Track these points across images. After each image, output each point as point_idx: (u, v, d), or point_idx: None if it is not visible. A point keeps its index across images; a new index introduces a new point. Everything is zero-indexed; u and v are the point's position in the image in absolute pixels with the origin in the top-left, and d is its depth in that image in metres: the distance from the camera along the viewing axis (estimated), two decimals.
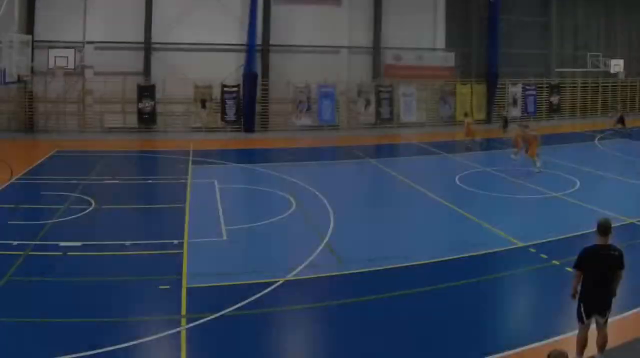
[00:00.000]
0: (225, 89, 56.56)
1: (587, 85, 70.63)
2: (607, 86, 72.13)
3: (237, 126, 57.06)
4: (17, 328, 16.41)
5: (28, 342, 15.61)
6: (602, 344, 14.55)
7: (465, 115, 51.78)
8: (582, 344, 14.54)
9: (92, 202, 29.42)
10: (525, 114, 64.97)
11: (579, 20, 71.42)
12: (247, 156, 38.30)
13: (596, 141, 52.05)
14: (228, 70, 57.08)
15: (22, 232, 24.89)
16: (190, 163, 38.06)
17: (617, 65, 68.14)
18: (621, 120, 55.26)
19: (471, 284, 20.17)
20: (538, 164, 37.08)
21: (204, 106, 56.28)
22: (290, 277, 20.44)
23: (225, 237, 24.84)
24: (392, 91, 60.89)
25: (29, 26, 52.46)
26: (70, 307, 17.82)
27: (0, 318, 16.76)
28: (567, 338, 15.53)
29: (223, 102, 56.73)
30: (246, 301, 18.21)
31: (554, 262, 21.78)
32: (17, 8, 42.56)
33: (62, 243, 23.21)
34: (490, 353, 15.23)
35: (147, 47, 55.73)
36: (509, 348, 15.46)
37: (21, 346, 15.39)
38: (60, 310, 17.63)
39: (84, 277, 20.45)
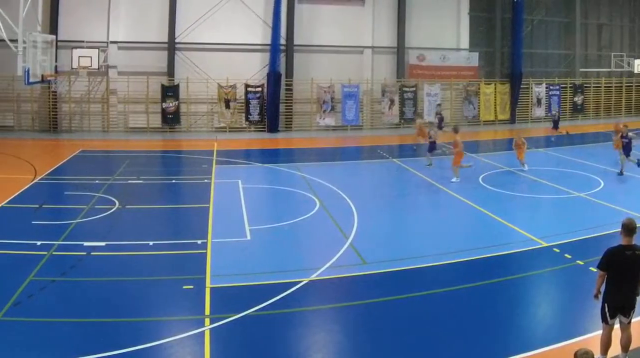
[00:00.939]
0: (249, 88, 56.63)
1: (610, 85, 70.38)
2: (631, 86, 71.86)
3: (261, 126, 57.17)
4: (41, 328, 16.43)
5: (52, 342, 15.63)
6: (626, 344, 14.48)
7: (418, 116, 50.00)
8: (606, 344, 14.48)
9: (116, 202, 29.49)
10: (549, 114, 64.73)
11: (603, 20, 71.18)
12: (271, 156, 38.38)
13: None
14: (252, 70, 57.25)
15: (46, 232, 24.96)
16: (214, 163, 38.06)
17: None
18: (555, 125, 53.17)
19: (495, 284, 20.14)
20: (525, 168, 37.34)
21: (227, 106, 56.29)
22: (314, 277, 20.44)
23: (249, 237, 24.84)
24: (416, 91, 60.76)
25: (52, 26, 52.53)
26: (94, 307, 17.87)
27: (24, 318, 16.82)
28: (592, 338, 15.48)
29: (247, 102, 56.81)
30: (270, 301, 18.20)
31: (578, 262, 21.70)
32: (41, 8, 42.64)
33: (86, 243, 23.30)
34: (516, 353, 15.22)
35: (171, 47, 55.75)
36: (534, 348, 15.43)
37: (45, 346, 15.42)
38: (83, 310, 17.67)
39: (107, 277, 20.52)
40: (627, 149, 36.42)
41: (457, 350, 15.69)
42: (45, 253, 22.17)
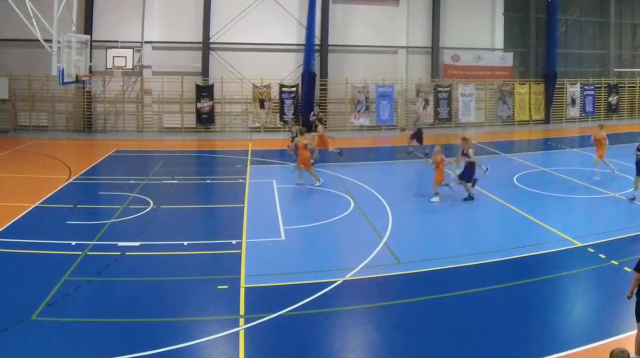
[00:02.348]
0: (284, 89, 56.73)
1: None
2: None
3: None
4: (75, 328, 16.51)
5: (86, 342, 15.69)
6: None
7: (319, 121, 45.30)
8: None
9: (151, 202, 29.61)
10: (584, 114, 64.38)
11: (637, 19, 70.68)
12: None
13: None
14: (286, 70, 57.32)
15: (80, 232, 25.11)
16: (248, 163, 38.07)
17: None
18: (417, 136, 46.34)
19: (530, 284, 20.03)
20: (613, 170, 36.41)
21: (262, 106, 56.40)
22: (348, 277, 20.44)
23: (283, 237, 24.89)
24: (451, 91, 60.68)
25: (87, 26, 52.78)
26: (128, 307, 17.95)
27: (58, 319, 16.89)
28: (627, 338, 15.46)
29: (281, 102, 56.90)
30: (304, 301, 18.24)
31: (612, 262, 21.62)
32: (76, 8, 42.84)
33: (121, 243, 23.44)
34: (551, 353, 15.22)
35: (206, 47, 55.85)
36: (569, 348, 15.44)
37: (79, 346, 15.48)
38: (118, 310, 17.76)
39: (142, 277, 20.59)
40: None
41: (491, 350, 15.68)
42: (80, 253, 22.29)
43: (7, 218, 26.61)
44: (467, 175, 31.08)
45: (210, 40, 55.92)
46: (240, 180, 34.90)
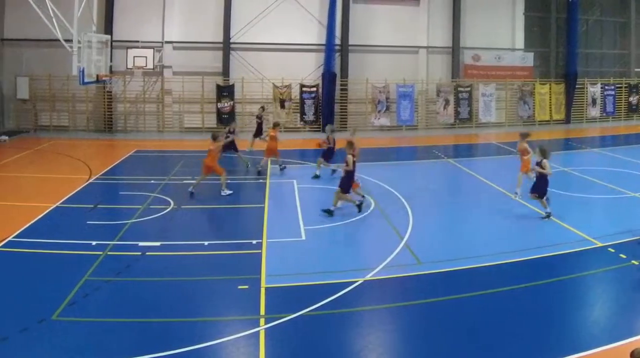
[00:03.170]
0: (304, 88, 56.80)
1: None
2: None
3: (316, 126, 57.18)
4: (96, 328, 16.54)
5: (107, 342, 15.71)
6: None
7: (275, 126, 39.66)
8: None
9: (171, 202, 29.66)
10: (604, 114, 64.21)
11: None
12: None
13: None
14: (307, 70, 57.44)
15: (101, 232, 25.14)
16: (269, 163, 38.00)
17: None
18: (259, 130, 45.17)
19: (550, 284, 19.98)
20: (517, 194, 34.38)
21: (282, 106, 56.54)
22: (369, 277, 20.40)
23: (304, 237, 24.85)
24: (471, 91, 60.63)
25: (107, 26, 52.94)
26: (148, 307, 18.00)
27: (79, 318, 16.94)
28: None
29: (302, 102, 57.00)
30: (325, 301, 18.22)
31: (633, 261, 21.60)
32: (96, 8, 42.99)
33: (141, 243, 23.46)
34: (572, 353, 15.19)
35: (226, 47, 56.02)
36: (589, 348, 15.42)
37: (100, 346, 15.51)
38: (138, 310, 17.80)
39: (162, 277, 20.65)
40: None
41: (512, 351, 15.64)
42: (101, 253, 22.32)
43: (28, 218, 26.68)
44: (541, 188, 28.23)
45: (231, 40, 56.04)
46: (261, 180, 35.06)
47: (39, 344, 15.45)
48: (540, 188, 27.65)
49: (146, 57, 52.69)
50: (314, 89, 56.95)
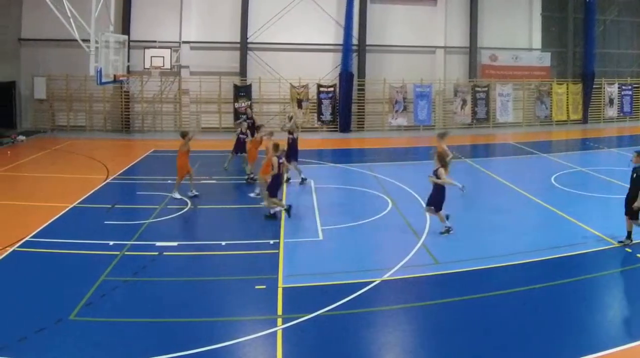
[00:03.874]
0: (321, 88, 56.89)
1: None
2: None
3: (333, 126, 57.37)
4: (113, 328, 16.57)
5: (124, 342, 15.74)
6: None
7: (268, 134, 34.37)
8: None
9: (188, 202, 29.72)
10: (621, 114, 64.03)
11: None
12: (343, 156, 38.21)
13: None
14: (324, 70, 57.53)
15: (118, 232, 25.20)
16: (286, 163, 37.96)
17: None
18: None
19: (568, 284, 19.97)
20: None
21: (300, 106, 56.57)
22: (386, 277, 20.40)
23: (321, 237, 24.85)
24: (488, 91, 60.59)
25: (125, 26, 53.24)
26: (166, 307, 18.06)
27: (96, 319, 16.97)
28: None
29: (319, 102, 57.07)
30: (342, 301, 18.22)
31: None
32: (113, 8, 43.02)
33: (158, 243, 23.51)
34: (588, 353, 15.16)
35: (243, 47, 56.17)
36: (605, 348, 15.38)
37: (117, 346, 15.54)
38: (155, 310, 17.87)
39: (179, 277, 20.74)
40: None
41: (529, 351, 15.60)
42: (118, 253, 22.37)
43: (46, 218, 26.75)
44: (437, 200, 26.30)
45: (248, 40, 56.20)
46: (292, 180, 34.90)
47: (57, 344, 15.46)
48: (435, 200, 25.81)
49: (163, 57, 52.77)
50: (332, 89, 57.00)
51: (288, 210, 27.38)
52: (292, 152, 34.45)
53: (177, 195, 30.63)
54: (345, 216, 28.12)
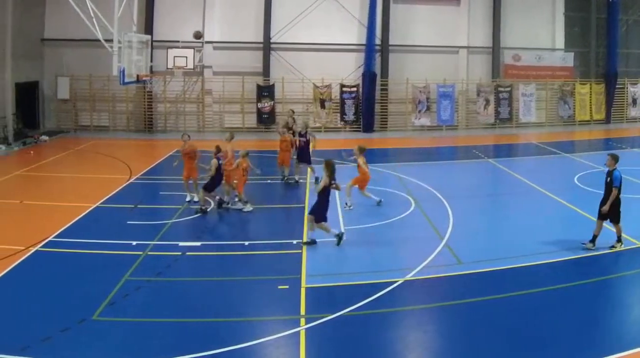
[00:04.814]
0: (344, 88, 56.88)
1: None
2: None
3: (356, 126, 57.37)
4: (136, 328, 16.64)
5: (147, 342, 15.82)
6: None
7: (289, 130, 36.87)
8: None
9: (212, 202, 29.69)
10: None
11: None
12: (366, 156, 38.08)
13: None
14: (347, 70, 57.51)
15: (141, 232, 25.31)
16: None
17: None
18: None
19: (591, 284, 19.96)
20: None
21: (323, 106, 56.64)
22: (409, 277, 20.40)
23: (344, 237, 24.58)
24: (511, 91, 60.48)
25: (148, 26, 53.41)
26: (189, 307, 18.10)
27: (119, 318, 17.04)
28: None
29: (342, 102, 57.05)
30: (365, 301, 18.21)
31: None
32: (136, 8, 43.09)
33: (182, 243, 23.63)
34: (611, 353, 15.11)
35: (266, 47, 56.28)
36: (629, 348, 15.32)
37: (140, 346, 15.61)
38: (178, 310, 17.91)
39: (203, 277, 20.81)
40: None
41: (554, 351, 15.56)
42: (141, 253, 22.46)
43: (69, 218, 26.87)
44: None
45: (271, 40, 56.29)
46: (301, 180, 35.05)
47: (80, 344, 15.52)
48: (318, 210, 24.34)
49: (186, 57, 52.74)
50: (354, 89, 56.98)
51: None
52: (302, 154, 34.91)
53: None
54: (368, 216, 28.11)
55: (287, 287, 19.45)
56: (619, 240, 23.14)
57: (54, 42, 54.06)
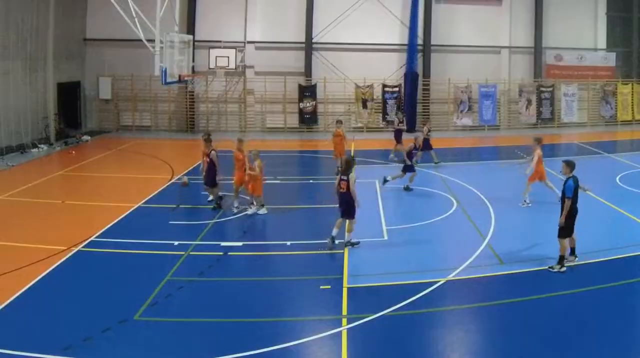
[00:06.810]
0: (386, 88, 57.02)
1: None
2: None
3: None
4: (178, 328, 16.72)
5: (189, 342, 15.88)
6: None
7: (338, 123, 39.71)
8: None
9: (254, 202, 29.58)
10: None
11: None
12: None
13: None
14: (389, 70, 57.60)
15: (183, 232, 25.51)
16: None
17: None
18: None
19: (634, 284, 19.79)
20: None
21: (365, 106, 56.73)
22: (451, 277, 20.36)
23: (385, 237, 24.83)
24: (553, 91, 60.20)
25: (190, 26, 53.80)
26: (230, 307, 18.13)
27: (161, 319, 17.14)
28: None
29: (384, 102, 57.14)
30: (407, 301, 18.19)
31: None
32: (178, 8, 43.22)
33: (223, 244, 23.69)
34: None
35: (308, 47, 56.47)
36: None
37: (182, 346, 15.68)
38: (220, 310, 17.95)
39: (244, 277, 20.88)
40: None
41: (596, 351, 15.48)
42: (183, 253, 22.56)
43: (111, 218, 27.07)
44: None
45: (313, 40, 56.48)
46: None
47: (122, 344, 15.62)
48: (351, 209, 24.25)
49: (228, 57, 53.06)
50: (396, 89, 57.11)
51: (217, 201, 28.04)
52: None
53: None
54: (410, 216, 28.21)
55: (329, 287, 19.47)
56: (573, 252, 22.67)
57: (95, 42, 54.53)
